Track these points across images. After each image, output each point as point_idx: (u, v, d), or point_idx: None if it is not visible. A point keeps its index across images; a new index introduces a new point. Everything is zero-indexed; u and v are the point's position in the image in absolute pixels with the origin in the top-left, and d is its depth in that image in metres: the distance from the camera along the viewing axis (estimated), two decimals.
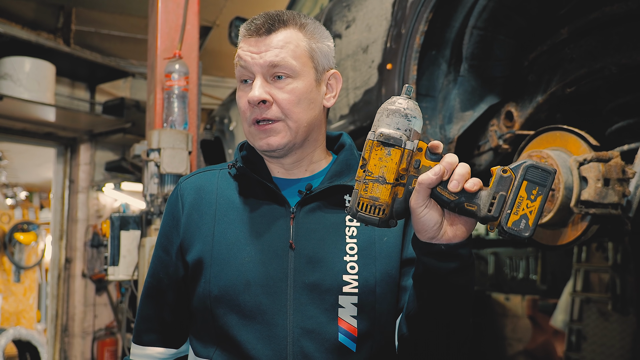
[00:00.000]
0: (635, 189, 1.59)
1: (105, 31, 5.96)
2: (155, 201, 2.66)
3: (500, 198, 0.91)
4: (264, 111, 1.16)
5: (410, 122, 0.92)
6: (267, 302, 1.13)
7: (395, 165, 0.92)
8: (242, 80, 1.20)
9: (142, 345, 1.29)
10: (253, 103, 1.15)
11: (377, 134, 0.92)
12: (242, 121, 1.21)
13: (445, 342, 1.10)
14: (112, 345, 5.85)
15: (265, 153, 1.22)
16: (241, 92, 1.20)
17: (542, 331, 5.29)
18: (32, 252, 7.74)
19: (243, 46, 1.19)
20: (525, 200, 0.91)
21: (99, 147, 6.01)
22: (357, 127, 2.43)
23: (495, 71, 2.04)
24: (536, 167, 0.91)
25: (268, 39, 1.17)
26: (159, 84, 2.86)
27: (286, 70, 1.16)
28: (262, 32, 1.17)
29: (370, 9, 2.38)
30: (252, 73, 1.17)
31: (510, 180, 0.91)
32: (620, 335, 4.35)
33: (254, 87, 1.15)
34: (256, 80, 1.16)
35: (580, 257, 4.73)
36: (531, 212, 0.91)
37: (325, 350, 1.11)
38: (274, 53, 1.15)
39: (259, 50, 1.16)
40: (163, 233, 1.28)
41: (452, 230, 0.96)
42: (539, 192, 0.91)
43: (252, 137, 1.20)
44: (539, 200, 0.91)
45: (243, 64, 1.18)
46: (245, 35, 1.19)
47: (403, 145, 0.92)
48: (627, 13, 1.62)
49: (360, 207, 0.94)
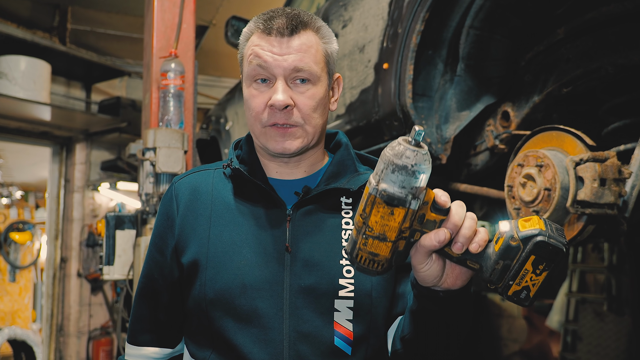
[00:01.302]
0: (632, 189, 1.58)
1: (101, 30, 5.94)
2: (151, 200, 2.65)
3: (505, 267, 0.89)
4: (287, 116, 1.13)
5: (417, 179, 0.83)
6: (263, 305, 1.12)
7: (397, 224, 0.86)
8: (258, 79, 1.15)
9: (137, 345, 1.28)
10: (278, 107, 1.11)
11: (380, 190, 0.84)
12: (252, 120, 1.18)
13: (443, 356, 1.13)
14: (108, 345, 5.84)
15: (277, 155, 1.19)
16: (255, 91, 1.15)
17: (537, 332, 5.30)
18: (27, 251, 7.72)
19: (261, 44, 1.13)
20: (529, 274, 0.88)
21: (95, 147, 6.00)
22: (354, 127, 2.43)
23: (492, 71, 2.04)
24: (547, 244, 0.86)
25: (291, 40, 1.13)
26: (154, 83, 2.86)
27: (308, 75, 1.14)
28: (284, 33, 1.12)
29: (366, 8, 2.37)
30: (273, 75, 1.13)
31: (518, 251, 0.87)
32: (616, 336, 4.36)
33: (278, 91, 1.11)
34: (278, 82, 1.12)
35: (576, 257, 4.74)
36: (534, 285, 0.89)
37: (321, 353, 1.11)
38: (298, 57, 1.12)
39: (282, 52, 1.12)
40: (157, 233, 1.26)
41: (453, 278, 0.96)
42: (545, 268, 0.88)
43: (266, 138, 1.16)
44: (543, 276, 0.88)
45: (262, 64, 1.12)
46: (262, 33, 1.14)
47: (407, 206, 0.84)
48: (624, 13, 1.62)
49: (359, 259, 0.91)
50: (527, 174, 1.75)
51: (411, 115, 2.06)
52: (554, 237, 0.87)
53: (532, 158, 1.75)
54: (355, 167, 1.26)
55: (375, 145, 2.38)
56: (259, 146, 1.22)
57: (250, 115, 1.17)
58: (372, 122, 2.28)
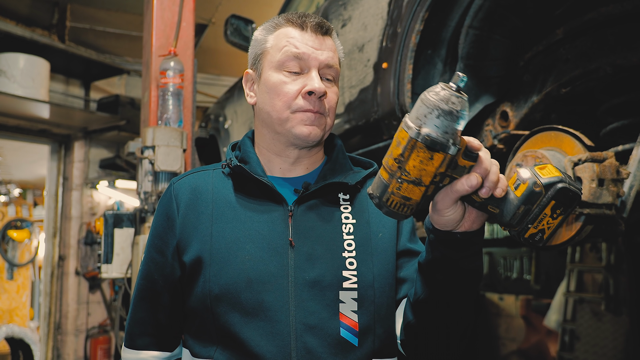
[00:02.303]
0: (629, 190, 1.59)
1: (100, 28, 5.93)
2: (149, 199, 2.65)
3: (526, 211, 0.91)
4: (320, 104, 1.20)
5: (458, 124, 0.85)
6: (269, 299, 1.13)
7: (434, 169, 0.87)
8: (291, 70, 1.21)
9: (136, 349, 1.27)
10: (318, 94, 1.18)
11: (422, 135, 0.83)
12: (279, 106, 1.21)
13: (453, 327, 1.13)
14: (105, 343, 5.84)
15: (299, 141, 1.22)
16: (287, 79, 1.20)
17: (535, 331, 5.31)
18: (25, 249, 7.70)
19: (297, 37, 1.21)
20: (547, 218, 0.91)
21: (93, 145, 5.99)
22: (353, 126, 2.43)
23: (491, 71, 2.04)
24: (568, 190, 0.90)
25: (325, 40, 1.23)
26: (153, 82, 2.85)
27: (334, 74, 1.24)
28: (319, 32, 1.22)
29: (366, 7, 2.38)
30: (307, 66, 1.20)
31: (540, 196, 0.90)
32: (613, 336, 4.37)
33: (315, 79, 1.18)
34: (315, 72, 1.20)
35: (574, 257, 4.75)
36: (549, 229, 0.92)
37: (328, 345, 1.12)
38: (330, 55, 1.22)
39: (317, 47, 1.20)
40: (156, 234, 1.26)
41: (470, 222, 0.97)
42: (562, 212, 0.91)
43: (294, 123, 1.20)
44: (559, 220, 0.91)
45: (299, 55, 1.19)
46: (296, 28, 1.22)
47: (447, 151, 0.85)
48: (623, 14, 1.62)
49: (389, 203, 0.91)
50: None
51: None
52: (573, 184, 0.91)
53: (530, 158, 1.75)
54: (350, 166, 1.33)
55: (373, 144, 2.38)
56: (277, 135, 1.24)
57: (277, 100, 1.21)
58: (371, 121, 2.29)
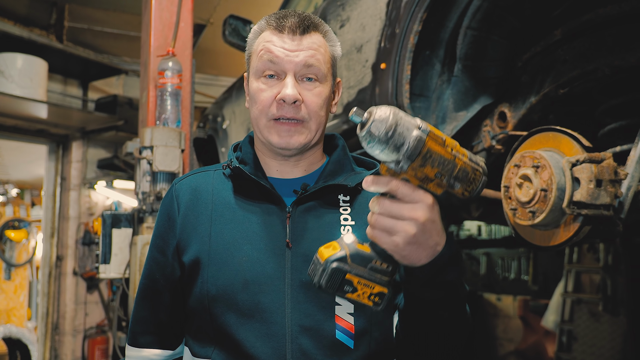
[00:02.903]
0: (627, 191, 1.59)
1: (99, 28, 5.93)
2: (148, 199, 2.65)
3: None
4: (295, 111, 1.17)
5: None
6: (265, 300, 1.13)
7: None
8: (267, 75, 1.19)
9: (138, 347, 1.28)
10: (289, 101, 1.16)
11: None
12: (257, 114, 1.21)
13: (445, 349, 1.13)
14: (103, 344, 5.83)
15: (279, 150, 1.22)
16: (264, 86, 1.19)
17: (533, 331, 5.32)
18: (23, 249, 7.68)
19: (273, 41, 1.18)
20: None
21: (91, 145, 5.99)
22: (350, 127, 2.43)
23: (489, 72, 2.05)
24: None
25: (303, 39, 1.19)
26: (152, 82, 2.85)
27: (317, 73, 1.19)
28: (296, 32, 1.18)
29: (364, 8, 2.38)
30: (283, 70, 1.18)
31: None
32: (611, 336, 4.38)
33: (287, 85, 1.16)
34: (289, 78, 1.17)
35: (571, 258, 4.76)
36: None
37: (323, 347, 1.12)
38: (309, 54, 1.18)
39: (293, 49, 1.17)
40: (158, 234, 1.27)
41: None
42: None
43: (270, 132, 1.20)
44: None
45: (274, 59, 1.17)
46: (274, 30, 1.19)
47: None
48: (620, 15, 1.63)
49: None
50: (524, 174, 1.75)
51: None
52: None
53: (528, 159, 1.75)
54: (351, 167, 1.31)
55: None
56: (262, 142, 1.25)
57: (256, 108, 1.21)
58: None
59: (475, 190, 0.92)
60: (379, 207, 0.90)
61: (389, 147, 0.84)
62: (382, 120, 0.83)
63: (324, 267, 0.92)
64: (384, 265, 0.94)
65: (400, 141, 0.83)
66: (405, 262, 0.94)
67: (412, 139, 0.84)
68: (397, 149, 0.84)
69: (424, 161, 0.85)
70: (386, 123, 0.83)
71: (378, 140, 0.83)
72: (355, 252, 0.93)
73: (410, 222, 0.89)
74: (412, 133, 0.84)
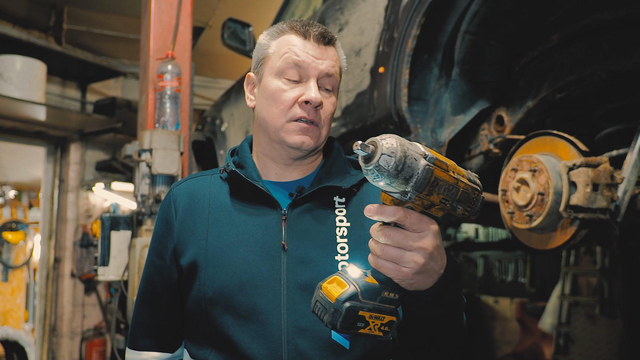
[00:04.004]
0: (623, 194, 1.60)
1: (97, 30, 5.93)
2: (147, 202, 2.65)
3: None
4: (315, 114, 1.20)
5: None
6: (261, 302, 1.14)
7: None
8: (289, 77, 1.21)
9: (138, 350, 1.29)
10: (314, 104, 1.18)
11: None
12: (275, 113, 1.22)
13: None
14: (101, 346, 5.82)
15: (292, 149, 1.23)
16: (285, 87, 1.21)
17: (530, 334, 5.33)
18: (20, 251, 7.66)
19: (299, 45, 1.21)
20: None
21: (90, 147, 5.98)
22: (349, 130, 2.44)
23: (487, 76, 2.06)
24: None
25: (326, 49, 1.23)
26: (151, 85, 2.86)
27: (333, 84, 1.24)
28: (321, 41, 1.22)
29: (363, 12, 2.39)
30: (306, 75, 1.21)
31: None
32: (608, 339, 4.39)
33: (312, 89, 1.19)
34: (313, 82, 1.20)
35: (568, 260, 4.77)
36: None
37: (319, 347, 1.13)
38: (330, 64, 1.22)
39: (318, 57, 1.21)
40: (156, 238, 1.29)
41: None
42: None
43: (288, 132, 1.21)
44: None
45: (299, 63, 1.20)
46: (299, 35, 1.22)
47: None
48: (617, 20, 1.64)
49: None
50: (521, 178, 1.77)
51: (406, 118, 2.08)
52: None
53: (526, 163, 1.76)
54: (346, 169, 1.32)
55: None
56: (271, 142, 1.25)
57: (274, 107, 1.22)
58: (368, 125, 2.30)
59: (475, 209, 0.92)
60: (384, 238, 0.88)
61: (397, 180, 0.80)
62: (392, 153, 0.79)
63: (337, 308, 0.88)
64: (391, 294, 0.92)
65: (409, 173, 0.80)
66: (411, 288, 0.94)
67: (420, 169, 0.81)
68: (406, 181, 0.81)
69: (431, 190, 0.83)
70: (395, 156, 0.79)
71: (387, 175, 0.79)
72: (366, 287, 0.90)
73: (418, 252, 0.88)
74: (420, 163, 0.81)
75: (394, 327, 0.94)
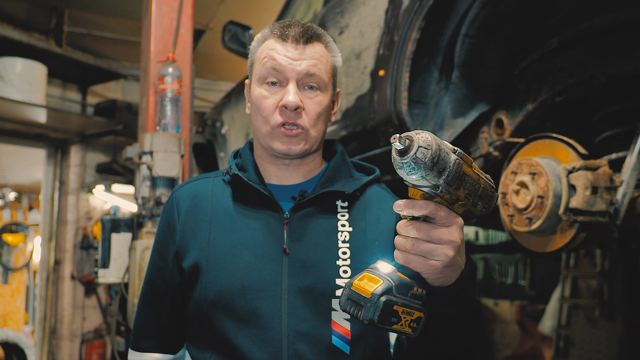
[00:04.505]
0: (623, 197, 1.61)
1: (98, 33, 5.94)
2: (147, 204, 2.66)
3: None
4: (296, 117, 1.20)
5: None
6: (262, 306, 1.14)
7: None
8: (270, 82, 1.21)
9: (140, 351, 1.30)
10: (290, 108, 1.18)
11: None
12: (260, 121, 1.23)
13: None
14: (101, 348, 5.82)
15: (280, 155, 1.24)
16: (266, 93, 1.21)
17: (530, 336, 5.32)
18: (20, 253, 7.67)
19: (277, 49, 1.21)
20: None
21: (90, 149, 5.99)
22: (350, 133, 2.44)
23: (486, 79, 2.06)
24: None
25: (306, 48, 1.21)
26: (152, 87, 2.87)
27: (318, 82, 1.22)
28: (300, 41, 1.21)
29: (363, 15, 2.40)
30: (285, 78, 1.20)
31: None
32: (608, 341, 4.39)
33: (290, 92, 1.19)
34: (291, 85, 1.20)
35: (568, 263, 4.77)
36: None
37: (319, 352, 1.13)
38: (311, 63, 1.20)
39: (296, 57, 1.20)
40: (159, 240, 1.29)
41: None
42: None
43: (273, 139, 1.22)
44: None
45: (277, 67, 1.20)
46: (278, 39, 1.22)
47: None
48: (616, 24, 1.65)
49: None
50: (521, 181, 1.77)
51: (406, 121, 2.08)
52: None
53: (525, 166, 1.77)
54: (350, 173, 1.32)
55: (370, 151, 2.40)
56: (263, 148, 1.27)
57: (259, 115, 1.23)
58: (368, 128, 2.30)
59: (491, 206, 0.93)
60: (416, 232, 0.89)
61: (432, 172, 0.82)
62: (428, 146, 0.81)
63: (373, 302, 0.90)
64: (419, 290, 0.94)
65: (442, 166, 0.82)
66: (437, 284, 0.95)
67: (452, 163, 0.83)
68: (439, 173, 0.83)
69: (459, 184, 0.85)
70: (431, 149, 0.81)
71: (424, 167, 0.81)
72: (399, 281, 0.93)
73: (449, 245, 0.90)
74: (451, 157, 0.83)
75: (421, 324, 0.95)
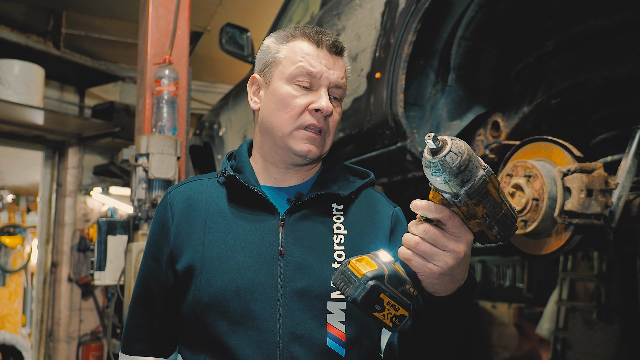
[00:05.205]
0: (618, 200, 1.61)
1: (96, 35, 5.94)
2: (143, 206, 2.65)
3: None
4: (324, 122, 1.22)
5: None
6: (257, 308, 1.14)
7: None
8: (302, 84, 1.21)
9: (132, 355, 1.28)
10: (325, 112, 1.20)
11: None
12: (284, 119, 1.22)
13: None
14: (98, 351, 5.81)
15: (298, 157, 1.24)
16: (296, 93, 1.21)
17: (528, 339, 5.32)
18: (17, 255, 7.66)
19: (312, 54, 1.22)
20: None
21: (88, 151, 5.98)
22: (346, 135, 2.44)
23: (483, 81, 2.07)
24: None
25: (338, 60, 1.24)
26: (148, 89, 2.87)
27: (341, 95, 1.26)
28: (333, 51, 1.23)
29: (359, 18, 2.40)
30: (318, 83, 1.21)
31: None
32: (605, 344, 4.39)
33: (324, 97, 1.20)
34: (324, 90, 1.21)
35: (566, 266, 4.77)
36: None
37: (314, 355, 1.13)
38: (340, 75, 1.24)
39: (330, 67, 1.22)
40: (152, 242, 1.28)
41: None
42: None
43: (295, 140, 1.22)
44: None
45: (313, 72, 1.21)
46: (311, 43, 1.23)
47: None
48: (611, 27, 1.65)
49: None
50: (516, 183, 1.77)
51: (403, 124, 2.08)
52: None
53: (521, 168, 1.77)
54: (345, 176, 1.33)
55: (366, 153, 2.40)
56: (275, 146, 1.25)
57: (283, 112, 1.22)
58: (364, 130, 2.30)
59: (507, 235, 0.94)
60: (423, 232, 0.90)
61: (456, 179, 0.83)
62: (459, 153, 0.81)
63: (362, 283, 0.92)
64: (412, 289, 0.96)
65: (467, 177, 0.83)
66: (431, 289, 0.96)
67: (478, 177, 0.84)
68: (462, 183, 0.83)
69: (479, 200, 0.86)
70: (461, 156, 0.81)
71: (449, 171, 0.82)
72: (393, 273, 0.94)
73: (451, 254, 0.91)
74: (479, 172, 0.84)
75: (403, 323, 0.96)
